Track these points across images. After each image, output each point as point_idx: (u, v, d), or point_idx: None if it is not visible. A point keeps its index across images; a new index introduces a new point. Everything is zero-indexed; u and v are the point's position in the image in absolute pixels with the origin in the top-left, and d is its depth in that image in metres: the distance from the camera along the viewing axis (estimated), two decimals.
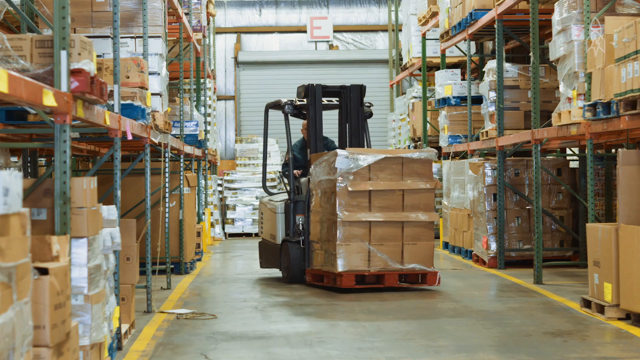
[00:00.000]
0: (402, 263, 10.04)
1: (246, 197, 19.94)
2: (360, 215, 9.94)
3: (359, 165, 9.91)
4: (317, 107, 11.14)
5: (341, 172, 9.88)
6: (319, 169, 10.31)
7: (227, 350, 7.04)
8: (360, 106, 11.21)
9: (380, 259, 9.98)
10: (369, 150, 10.19)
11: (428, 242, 10.15)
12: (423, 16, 17.15)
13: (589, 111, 8.98)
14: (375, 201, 9.99)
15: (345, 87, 11.30)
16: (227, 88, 23.56)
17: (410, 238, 10.08)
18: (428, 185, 10.15)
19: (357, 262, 9.93)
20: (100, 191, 6.69)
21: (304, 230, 10.77)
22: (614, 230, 8.01)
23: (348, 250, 9.90)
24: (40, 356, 4.31)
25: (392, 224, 10.03)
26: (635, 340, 7.24)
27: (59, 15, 5.28)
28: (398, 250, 10.04)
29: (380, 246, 9.99)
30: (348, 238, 9.91)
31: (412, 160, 10.12)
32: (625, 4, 9.58)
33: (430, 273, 10.12)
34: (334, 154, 9.96)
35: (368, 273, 9.98)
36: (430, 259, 10.13)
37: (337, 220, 9.89)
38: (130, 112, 7.85)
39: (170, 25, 12.38)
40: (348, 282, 9.85)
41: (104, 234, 6.12)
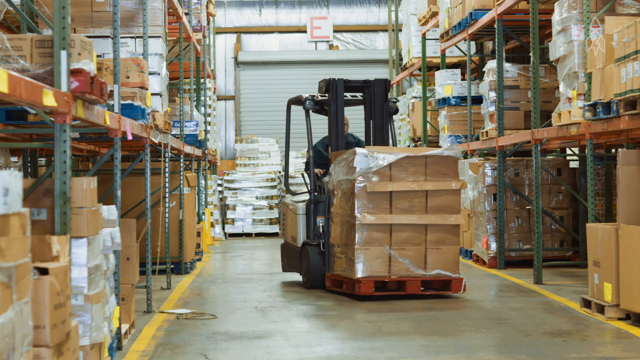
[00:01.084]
0: (425, 269, 9.43)
1: (246, 197, 19.95)
2: (381, 217, 9.34)
3: (379, 164, 9.34)
4: (339, 102, 10.58)
5: (360, 172, 9.33)
6: (339, 168, 9.73)
7: (227, 350, 7.04)
8: (385, 101, 10.68)
9: (402, 264, 9.38)
10: (390, 149, 9.60)
11: (453, 247, 9.51)
12: (423, 16, 17.15)
13: (589, 111, 8.98)
14: (396, 203, 9.40)
15: (369, 81, 10.75)
16: (227, 88, 23.56)
17: (434, 242, 9.47)
18: (453, 186, 9.50)
19: (377, 268, 9.35)
20: (100, 191, 6.69)
21: (324, 233, 10.18)
22: (614, 230, 8.01)
23: (367, 255, 9.33)
24: (40, 356, 4.31)
25: (415, 227, 9.43)
26: (635, 340, 7.24)
27: (59, 15, 5.28)
28: (421, 255, 9.45)
29: (402, 251, 9.40)
30: (367, 242, 9.33)
31: (436, 159, 9.50)
32: (625, 4, 9.58)
33: (455, 279, 9.50)
34: (353, 152, 9.41)
35: (388, 279, 9.40)
36: (456, 264, 9.51)
37: (355, 223, 9.32)
38: (130, 112, 7.85)
39: (170, 25, 12.37)
40: (367, 288, 9.29)
41: (104, 234, 6.12)
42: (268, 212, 19.84)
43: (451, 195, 9.51)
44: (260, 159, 21.69)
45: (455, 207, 9.52)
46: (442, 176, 9.49)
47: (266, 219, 19.86)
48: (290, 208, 11.05)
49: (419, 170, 9.44)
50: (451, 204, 9.51)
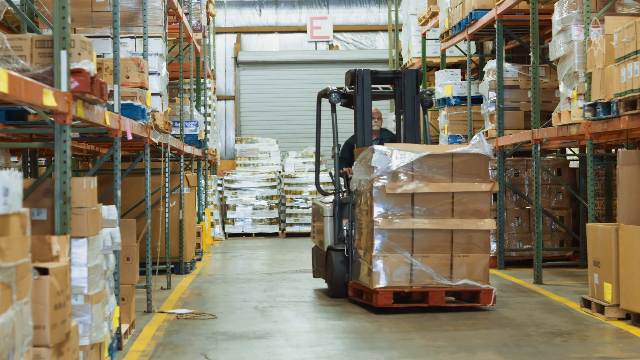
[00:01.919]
0: (451, 278, 8.62)
1: (246, 197, 19.95)
2: (401, 222, 8.56)
3: (400, 163, 8.56)
4: (365, 95, 9.77)
5: (379, 172, 8.56)
6: (359, 167, 8.97)
7: (227, 350, 7.04)
8: (416, 94, 9.85)
9: (425, 273, 8.58)
10: (413, 146, 8.88)
11: (482, 254, 8.68)
12: (423, 16, 17.15)
13: (589, 111, 8.98)
14: (419, 205, 8.61)
15: (399, 72, 10.00)
16: (227, 88, 23.56)
17: (461, 249, 8.64)
18: (483, 187, 8.68)
19: (397, 277, 8.57)
20: (100, 191, 6.69)
21: (348, 237, 9.33)
22: (614, 230, 8.01)
23: (386, 262, 8.54)
24: (40, 356, 4.31)
25: (440, 232, 8.62)
26: (635, 340, 7.24)
27: (59, 15, 5.28)
28: (446, 263, 8.63)
29: (425, 258, 8.59)
30: (386, 248, 8.54)
31: (464, 158, 8.68)
32: (625, 4, 9.58)
33: (484, 291, 8.63)
34: (371, 150, 8.67)
35: (409, 290, 8.61)
36: (485, 274, 8.67)
37: (373, 227, 8.56)
38: (130, 112, 7.85)
39: (170, 25, 12.37)
40: (385, 300, 8.50)
41: (104, 234, 6.12)
42: (268, 212, 19.85)
43: (480, 198, 8.70)
44: (260, 159, 21.69)
45: (485, 211, 8.72)
46: (470, 176, 8.70)
47: (266, 219, 19.86)
48: (318, 209, 10.29)
49: (444, 170, 8.66)
50: (480, 207, 8.70)
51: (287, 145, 22.59)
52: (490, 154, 8.72)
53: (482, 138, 8.66)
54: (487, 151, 8.69)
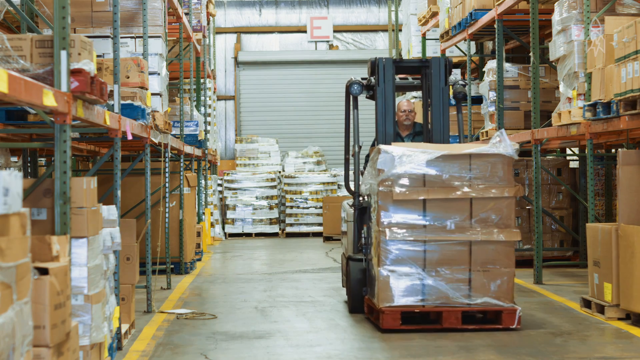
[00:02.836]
0: (469, 297, 7.60)
1: (246, 197, 19.95)
2: (411, 231, 7.58)
3: (409, 165, 7.60)
4: (387, 86, 8.73)
5: (385, 175, 7.60)
6: (369, 169, 8.00)
7: (227, 350, 7.04)
8: (445, 85, 8.79)
9: (439, 290, 7.57)
10: (425, 145, 7.91)
11: (505, 270, 7.62)
12: (423, 16, 17.15)
13: (589, 111, 8.98)
14: (432, 213, 7.60)
15: (426, 61, 8.97)
16: (227, 88, 23.56)
17: (481, 263, 7.61)
18: (506, 193, 7.64)
19: (406, 295, 7.58)
20: (100, 191, 6.69)
21: (366, 245, 8.37)
22: (614, 230, 8.01)
23: (394, 278, 7.57)
24: (40, 356, 4.31)
25: (456, 244, 7.59)
26: (635, 340, 7.24)
27: (59, 15, 5.28)
28: (463, 279, 7.60)
29: (439, 273, 7.58)
30: (394, 262, 7.56)
31: (484, 159, 7.66)
32: (625, 4, 9.58)
33: (507, 310, 7.58)
34: (377, 150, 7.72)
35: (421, 309, 7.61)
36: (509, 291, 7.62)
37: (380, 238, 7.60)
38: (130, 112, 7.85)
39: (170, 25, 12.37)
40: (391, 321, 7.51)
41: (104, 234, 6.12)
42: (268, 212, 19.85)
43: (503, 205, 7.65)
44: (261, 159, 21.69)
45: (509, 219, 7.66)
46: (490, 180, 7.66)
47: (266, 219, 19.86)
48: (345, 214, 9.35)
49: (460, 173, 7.64)
50: (503, 215, 7.65)
51: (287, 145, 22.60)
52: (514, 154, 7.68)
53: (504, 136, 7.68)
54: (509, 151, 7.66)
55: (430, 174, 7.63)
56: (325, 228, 18.41)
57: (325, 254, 15.35)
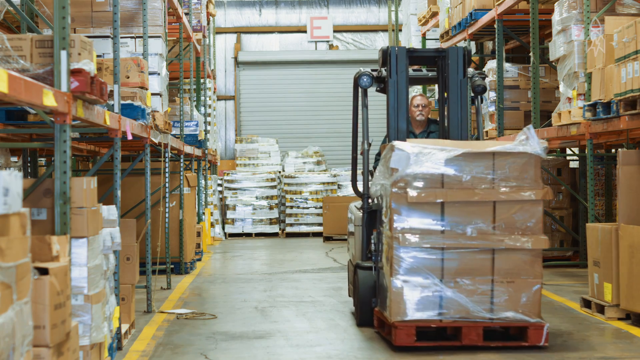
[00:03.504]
0: (492, 310, 6.85)
1: (246, 197, 19.95)
2: (427, 238, 6.82)
3: (426, 164, 6.87)
4: (400, 79, 8.01)
5: (399, 175, 6.86)
6: (381, 168, 7.34)
7: (227, 350, 7.04)
8: (463, 77, 8.11)
9: (458, 303, 6.82)
10: (443, 142, 7.17)
11: (531, 280, 6.87)
12: (423, 16, 17.16)
13: (589, 111, 8.98)
14: (450, 218, 6.86)
15: (442, 50, 8.23)
16: (227, 88, 23.56)
17: (505, 273, 6.85)
18: (532, 195, 6.86)
19: (422, 308, 6.83)
20: (100, 191, 6.69)
21: (376, 252, 7.63)
22: (614, 230, 8.01)
23: (408, 289, 6.81)
24: (40, 356, 4.31)
25: (477, 252, 6.85)
26: (635, 340, 7.24)
27: (59, 15, 5.28)
28: (485, 291, 6.85)
29: (458, 285, 6.83)
30: (409, 271, 6.82)
31: (509, 158, 6.92)
32: (625, 4, 9.59)
33: (534, 326, 6.82)
34: (391, 147, 7.00)
35: (438, 325, 6.85)
36: (536, 305, 6.87)
37: (393, 244, 6.87)
38: (130, 112, 7.85)
39: (170, 25, 12.38)
40: (404, 337, 6.76)
41: (104, 234, 6.13)
42: (268, 212, 19.85)
43: (529, 208, 6.90)
44: (260, 159, 21.70)
45: (536, 224, 6.91)
46: (515, 181, 6.92)
47: (266, 219, 19.86)
48: (351, 217, 8.62)
49: (483, 173, 6.91)
50: (529, 220, 6.90)
51: (287, 145, 22.60)
52: (542, 153, 6.95)
53: (531, 133, 6.96)
54: (538, 150, 6.92)
55: (449, 174, 6.87)
56: (325, 228, 18.41)
57: (325, 254, 15.35)
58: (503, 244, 6.85)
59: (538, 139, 6.96)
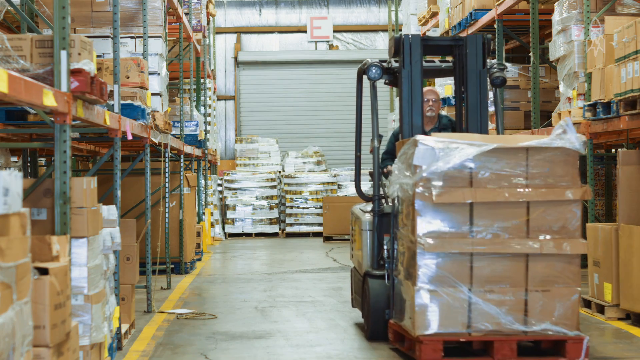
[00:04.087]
0: (526, 322, 6.21)
1: (246, 197, 19.96)
2: (455, 242, 6.17)
3: (453, 161, 6.20)
4: (414, 69, 7.36)
5: (424, 173, 6.19)
6: (400, 166, 6.56)
7: (227, 350, 7.04)
8: (483, 67, 7.45)
9: (489, 315, 6.18)
10: (470, 137, 6.45)
11: (569, 289, 6.24)
12: (423, 16, 17.16)
13: (589, 111, 8.98)
14: (480, 220, 6.21)
15: (459, 39, 7.55)
16: (227, 88, 23.57)
17: (540, 281, 6.22)
18: (570, 195, 6.24)
19: (449, 321, 6.17)
20: (100, 191, 6.69)
21: (390, 259, 7.01)
22: (614, 230, 8.01)
23: (434, 300, 6.17)
24: (40, 356, 4.31)
25: (509, 258, 6.20)
26: (635, 340, 7.24)
27: (59, 15, 5.28)
28: (519, 300, 6.21)
29: (489, 294, 6.18)
30: (434, 280, 6.17)
31: (544, 154, 6.27)
32: (625, 4, 9.59)
33: (572, 340, 6.20)
34: (413, 142, 6.30)
35: (467, 339, 6.20)
36: (573, 315, 6.25)
37: (416, 250, 6.19)
38: (130, 112, 7.85)
39: (170, 25, 12.38)
40: (431, 353, 6.12)
41: (104, 234, 6.13)
42: (268, 212, 19.85)
43: (566, 209, 6.27)
44: (260, 159, 21.71)
45: (573, 228, 6.28)
46: (552, 180, 6.29)
47: (266, 219, 19.87)
48: (356, 220, 7.92)
49: (515, 171, 6.27)
50: (566, 222, 6.27)
51: (287, 145, 22.61)
52: (582, 148, 6.30)
53: (569, 126, 6.30)
54: (576, 145, 6.27)
55: (479, 171, 6.22)
56: (325, 228, 18.41)
57: (325, 254, 15.35)
58: (538, 248, 6.20)
59: (576, 133, 6.31)
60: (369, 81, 7.60)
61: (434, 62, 7.94)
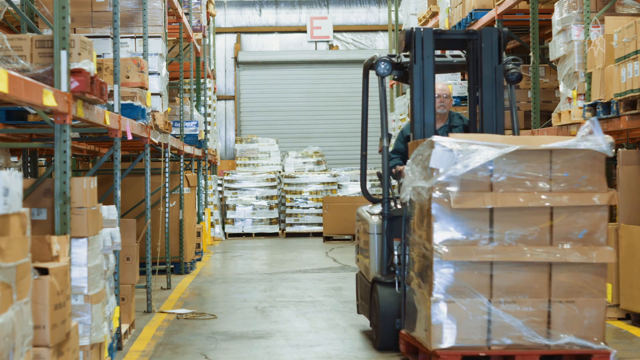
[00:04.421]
0: (549, 335, 5.83)
1: (246, 197, 19.96)
2: (474, 250, 5.80)
3: (472, 164, 5.82)
4: (426, 64, 7.04)
5: (441, 176, 5.82)
6: (414, 168, 6.19)
7: (227, 350, 7.04)
8: (499, 63, 7.10)
9: (510, 327, 5.81)
10: (489, 137, 6.02)
11: (595, 300, 5.84)
12: (423, 16, 17.16)
13: (589, 111, 8.98)
14: (500, 226, 5.83)
15: (473, 32, 7.19)
16: (227, 88, 23.57)
17: (564, 292, 5.84)
18: (596, 200, 5.84)
19: (468, 333, 5.79)
20: (100, 191, 6.69)
21: (401, 266, 6.62)
22: (614, 230, 8.01)
23: (452, 311, 5.78)
24: (40, 356, 4.31)
25: (531, 266, 5.82)
26: (635, 340, 7.24)
27: (59, 15, 5.28)
28: (541, 312, 5.83)
29: (510, 305, 5.80)
30: (452, 290, 5.80)
31: (569, 156, 5.88)
32: (625, 4, 9.58)
33: (598, 354, 5.82)
34: (429, 144, 5.91)
35: (487, 352, 5.81)
36: (599, 328, 5.85)
37: (433, 258, 5.81)
38: (130, 112, 7.85)
39: (170, 25, 12.38)
40: None
41: (104, 234, 6.13)
42: (268, 212, 19.86)
43: (592, 215, 5.87)
44: (260, 159, 21.71)
45: (599, 235, 5.87)
46: (577, 184, 5.90)
47: (266, 219, 19.87)
48: (362, 222, 7.55)
49: (538, 174, 5.89)
50: (592, 229, 5.87)
51: (287, 145, 22.61)
52: (608, 150, 5.88)
53: (596, 126, 5.91)
54: (603, 147, 5.86)
55: (499, 175, 5.86)
56: (325, 228, 18.41)
57: (325, 254, 15.35)
58: (562, 257, 5.83)
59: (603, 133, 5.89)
60: (378, 77, 7.21)
61: (446, 56, 7.56)
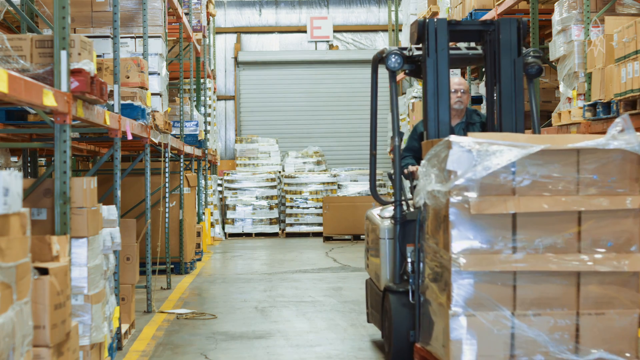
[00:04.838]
0: (577, 350, 5.36)
1: (246, 197, 19.96)
2: (496, 259, 5.28)
3: (493, 166, 5.29)
4: (440, 58, 6.52)
5: (459, 179, 5.29)
6: (429, 170, 5.68)
7: (227, 350, 7.04)
8: (518, 56, 6.57)
9: (534, 342, 5.30)
10: (511, 137, 5.45)
11: (626, 311, 5.35)
12: (423, 16, 17.16)
13: (589, 111, 8.98)
14: (524, 233, 5.30)
15: (491, 23, 6.69)
16: (227, 88, 23.57)
17: (593, 302, 5.34)
18: (629, 204, 5.32)
19: (489, 349, 5.29)
20: (100, 191, 6.70)
21: (415, 274, 6.04)
22: None
23: (472, 325, 5.28)
24: (40, 356, 4.32)
25: (558, 276, 5.31)
26: None
27: (59, 15, 5.28)
28: (569, 325, 5.34)
29: (535, 318, 5.31)
30: (472, 303, 5.29)
31: (597, 156, 5.36)
32: (625, 4, 9.59)
33: None
34: (446, 144, 5.38)
35: None
36: (632, 342, 5.38)
37: (451, 268, 5.31)
38: (130, 112, 7.85)
39: (170, 25, 12.38)
40: None
41: (104, 234, 6.13)
42: (268, 212, 19.86)
43: (624, 221, 5.35)
44: (260, 159, 21.71)
45: (631, 242, 5.36)
46: (607, 186, 5.38)
47: (266, 219, 19.87)
48: (373, 226, 7.08)
49: (564, 176, 5.35)
50: (623, 235, 5.36)
51: (287, 145, 22.60)
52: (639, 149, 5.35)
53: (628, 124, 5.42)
54: (635, 146, 5.34)
55: (523, 177, 5.33)
56: (325, 228, 18.41)
57: (325, 254, 15.35)
58: (591, 265, 5.32)
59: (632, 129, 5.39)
60: (388, 71, 6.69)
61: (460, 49, 7.04)
